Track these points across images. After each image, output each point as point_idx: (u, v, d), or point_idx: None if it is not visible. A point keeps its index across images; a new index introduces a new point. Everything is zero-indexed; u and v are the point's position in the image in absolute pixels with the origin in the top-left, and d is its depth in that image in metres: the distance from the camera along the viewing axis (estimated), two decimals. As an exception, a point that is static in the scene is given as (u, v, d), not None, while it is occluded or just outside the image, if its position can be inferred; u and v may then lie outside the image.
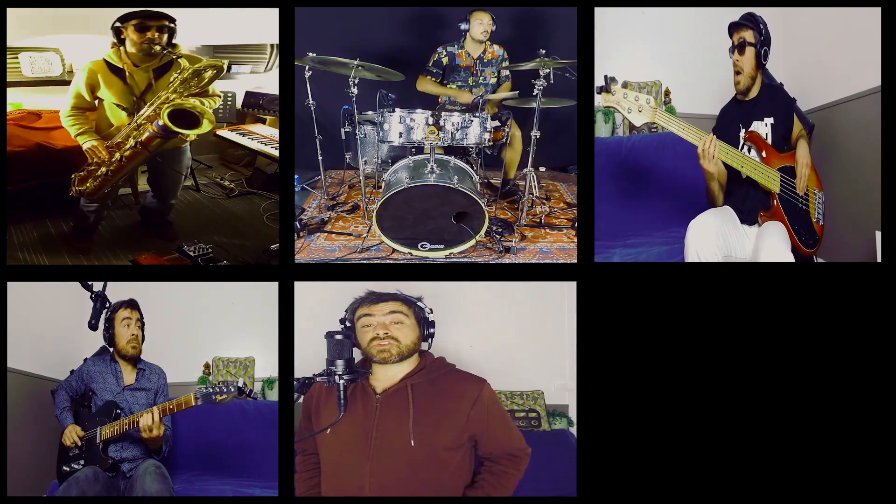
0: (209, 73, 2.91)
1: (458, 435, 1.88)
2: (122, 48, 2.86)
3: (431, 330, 1.99)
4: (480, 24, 3.80)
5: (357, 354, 1.94)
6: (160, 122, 2.77)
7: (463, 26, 3.84)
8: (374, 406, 1.89)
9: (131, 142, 2.85)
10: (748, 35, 2.53)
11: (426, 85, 3.97)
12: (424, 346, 2.01)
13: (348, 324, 1.98)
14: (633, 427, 2.37)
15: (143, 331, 2.64)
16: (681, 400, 3.02)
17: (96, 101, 2.94)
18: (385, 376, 1.94)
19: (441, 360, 2.02)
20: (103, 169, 2.90)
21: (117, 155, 2.87)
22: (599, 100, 2.40)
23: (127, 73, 2.89)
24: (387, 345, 1.89)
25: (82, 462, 2.42)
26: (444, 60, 3.92)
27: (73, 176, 2.96)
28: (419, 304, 2.00)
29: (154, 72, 2.92)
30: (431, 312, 2.00)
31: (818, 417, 2.42)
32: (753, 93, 2.62)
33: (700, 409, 3.08)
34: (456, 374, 2.00)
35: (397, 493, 1.83)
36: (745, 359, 2.78)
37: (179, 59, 2.87)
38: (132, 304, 2.63)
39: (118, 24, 2.82)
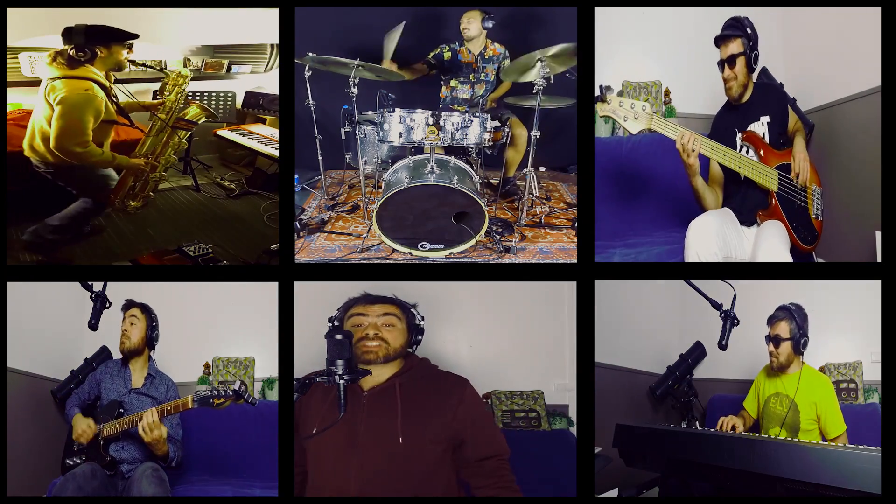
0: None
1: (443, 432, 1.90)
2: (93, 65, 2.81)
3: (419, 337, 2.04)
4: (469, 23, 3.82)
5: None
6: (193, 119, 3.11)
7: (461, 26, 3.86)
8: (361, 404, 1.91)
9: (169, 150, 3.06)
10: (735, 46, 2.52)
11: (413, 70, 3.95)
12: (409, 350, 2.04)
13: (336, 323, 1.99)
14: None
15: (148, 330, 2.61)
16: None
17: None
18: (372, 376, 1.94)
19: (426, 361, 2.05)
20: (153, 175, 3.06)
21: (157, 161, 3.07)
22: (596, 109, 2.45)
23: (111, 90, 2.91)
24: (374, 346, 1.91)
25: (84, 457, 2.43)
26: (447, 55, 3.92)
27: (118, 197, 3.02)
28: (413, 310, 2.03)
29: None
30: (423, 320, 2.04)
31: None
32: (746, 96, 2.62)
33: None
34: (440, 374, 2.04)
35: (382, 488, 1.84)
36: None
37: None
38: (126, 306, 2.62)
39: (98, 43, 2.79)
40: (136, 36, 2.90)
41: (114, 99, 2.94)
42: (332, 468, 1.87)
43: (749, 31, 2.52)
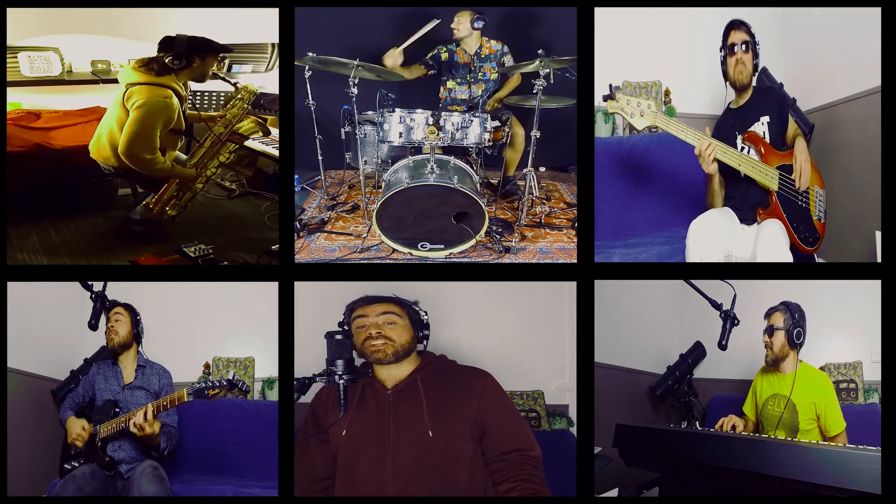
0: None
1: (471, 426, 1.90)
2: (179, 74, 2.87)
3: (426, 332, 2.03)
4: (459, 23, 3.82)
5: (357, 359, 1.96)
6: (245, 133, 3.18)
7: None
8: (387, 402, 1.92)
9: (214, 162, 3.11)
10: (745, 35, 2.55)
11: (411, 70, 3.94)
12: (420, 347, 2.04)
13: (346, 327, 2.01)
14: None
15: (133, 326, 2.61)
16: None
17: None
18: (392, 374, 1.97)
19: (443, 357, 2.06)
20: (197, 186, 3.10)
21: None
22: (603, 104, 2.55)
23: (185, 100, 2.96)
24: (380, 345, 1.92)
25: (82, 460, 2.43)
26: (444, 56, 3.92)
27: (156, 204, 3.05)
28: (415, 307, 2.03)
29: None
30: (426, 315, 2.04)
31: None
32: (746, 97, 2.63)
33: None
34: (460, 368, 2.04)
35: (419, 485, 1.84)
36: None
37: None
38: (109, 307, 2.61)
39: (197, 53, 2.87)
40: (231, 49, 3.00)
41: (184, 110, 2.98)
42: (367, 473, 1.87)
43: (752, 31, 2.56)
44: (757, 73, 2.64)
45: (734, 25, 2.58)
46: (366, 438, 1.89)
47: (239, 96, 3.13)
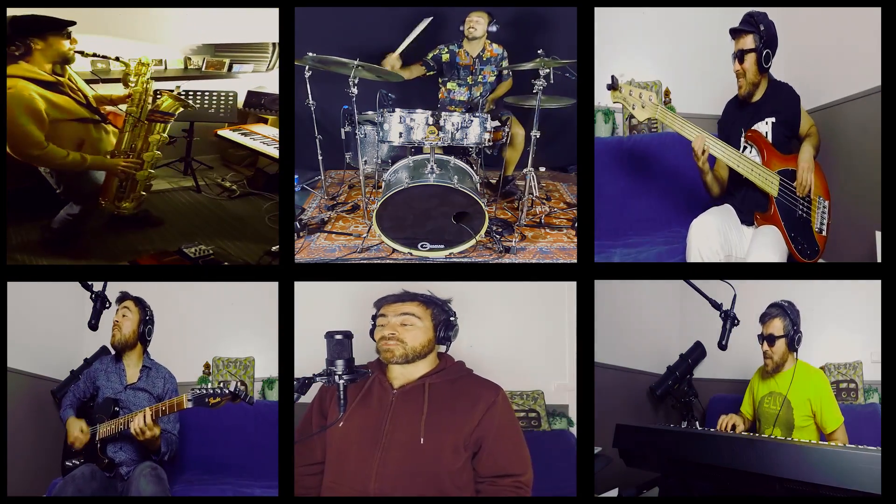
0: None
1: (467, 438, 1.89)
2: (31, 60, 2.67)
3: (449, 333, 2.02)
4: (475, 24, 3.83)
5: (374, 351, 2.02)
6: (169, 111, 2.97)
7: (461, 27, 3.87)
8: (389, 401, 1.93)
9: (151, 145, 2.95)
10: (747, 41, 2.49)
11: (410, 70, 3.95)
12: (442, 348, 2.04)
13: (374, 321, 2.04)
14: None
15: (141, 324, 2.55)
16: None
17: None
18: (403, 373, 1.98)
19: (461, 364, 2.05)
20: (141, 173, 2.96)
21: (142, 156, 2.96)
22: (603, 97, 2.53)
23: (65, 86, 2.77)
24: (392, 346, 1.94)
25: (83, 458, 2.42)
26: (445, 57, 3.93)
27: (107, 199, 2.96)
28: (445, 307, 2.03)
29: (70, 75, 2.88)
30: (455, 317, 2.04)
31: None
32: (758, 95, 2.60)
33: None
34: (473, 379, 2.03)
35: (400, 486, 1.84)
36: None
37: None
38: (120, 299, 2.57)
39: (30, 35, 2.64)
40: (72, 23, 2.73)
41: (73, 94, 2.79)
42: (354, 466, 1.87)
43: (762, 27, 2.47)
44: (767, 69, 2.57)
45: (736, 32, 2.52)
46: (361, 432, 1.90)
47: (134, 72, 2.92)
